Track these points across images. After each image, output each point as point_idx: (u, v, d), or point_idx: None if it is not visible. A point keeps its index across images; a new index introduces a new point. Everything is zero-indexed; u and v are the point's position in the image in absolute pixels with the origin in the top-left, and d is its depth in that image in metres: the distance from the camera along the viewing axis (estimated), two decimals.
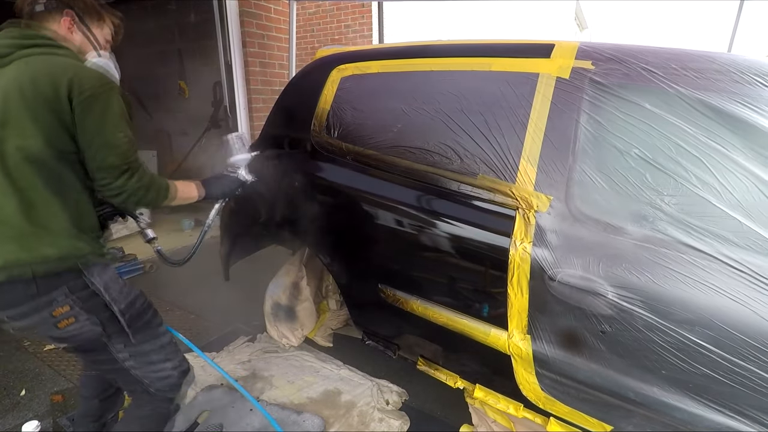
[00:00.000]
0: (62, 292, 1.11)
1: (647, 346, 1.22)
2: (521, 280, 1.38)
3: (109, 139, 1.15)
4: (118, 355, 1.24)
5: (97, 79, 1.14)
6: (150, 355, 1.28)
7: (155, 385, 1.29)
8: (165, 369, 1.31)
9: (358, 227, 1.74)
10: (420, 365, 1.79)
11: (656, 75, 1.30)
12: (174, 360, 1.34)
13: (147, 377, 1.28)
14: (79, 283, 1.14)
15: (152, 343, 1.29)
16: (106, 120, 1.14)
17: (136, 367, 1.26)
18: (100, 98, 1.13)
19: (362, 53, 1.87)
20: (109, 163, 1.16)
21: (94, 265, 1.17)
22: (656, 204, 1.25)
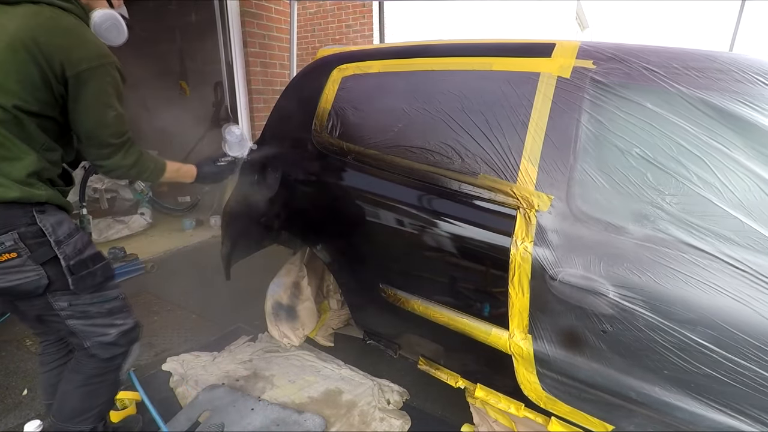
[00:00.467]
0: (11, 237, 1.10)
1: (649, 346, 1.21)
2: (522, 280, 1.38)
3: (101, 117, 1.17)
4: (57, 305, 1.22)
5: (94, 53, 1.14)
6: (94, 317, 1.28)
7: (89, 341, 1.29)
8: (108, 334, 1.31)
9: (358, 227, 1.74)
10: (421, 365, 1.79)
11: (657, 74, 1.30)
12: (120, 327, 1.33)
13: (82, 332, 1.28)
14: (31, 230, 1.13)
15: (98, 306, 1.29)
16: (99, 98, 1.15)
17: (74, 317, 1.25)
18: (95, 74, 1.13)
19: (363, 53, 1.86)
20: (101, 141, 1.19)
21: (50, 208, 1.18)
22: (657, 203, 1.25)
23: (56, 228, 1.17)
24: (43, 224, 1.14)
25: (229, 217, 2.20)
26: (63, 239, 1.18)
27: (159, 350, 2.30)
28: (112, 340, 1.32)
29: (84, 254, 1.24)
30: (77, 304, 1.25)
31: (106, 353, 1.33)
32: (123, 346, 1.36)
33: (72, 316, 1.25)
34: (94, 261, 1.26)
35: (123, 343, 1.36)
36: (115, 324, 1.33)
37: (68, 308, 1.23)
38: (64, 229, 1.20)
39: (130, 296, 2.84)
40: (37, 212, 1.14)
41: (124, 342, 1.36)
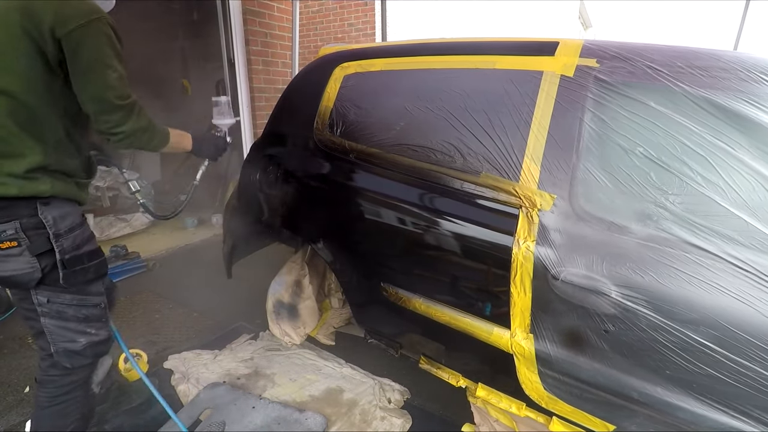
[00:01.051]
0: (13, 227, 1.11)
1: (651, 346, 1.21)
2: (524, 279, 1.37)
3: (103, 78, 1.13)
4: (36, 298, 1.19)
5: (81, 11, 1.10)
6: (68, 320, 1.23)
7: (56, 345, 1.23)
8: (77, 341, 1.25)
9: (360, 225, 1.74)
10: (422, 364, 1.79)
11: (661, 73, 1.29)
12: (91, 337, 1.28)
13: (52, 333, 1.22)
14: (33, 221, 1.13)
15: (76, 309, 1.24)
16: (97, 57, 1.11)
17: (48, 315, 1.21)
18: (88, 32, 1.09)
19: (365, 51, 1.86)
20: (108, 104, 1.15)
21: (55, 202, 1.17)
22: (661, 203, 1.24)
23: (58, 221, 1.17)
24: (44, 216, 1.14)
25: (230, 215, 2.20)
26: (63, 233, 1.18)
27: (160, 348, 2.30)
28: (78, 349, 1.26)
29: (81, 250, 1.22)
30: (55, 302, 1.21)
31: (68, 362, 1.27)
32: (88, 357, 1.30)
33: (47, 314, 1.21)
34: (90, 258, 1.25)
35: (89, 355, 1.29)
36: (87, 332, 1.28)
37: (46, 304, 1.20)
38: (66, 222, 1.19)
39: (132, 294, 2.87)
40: (40, 204, 1.14)
41: (90, 354, 1.30)
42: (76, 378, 1.31)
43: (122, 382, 1.94)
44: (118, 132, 1.20)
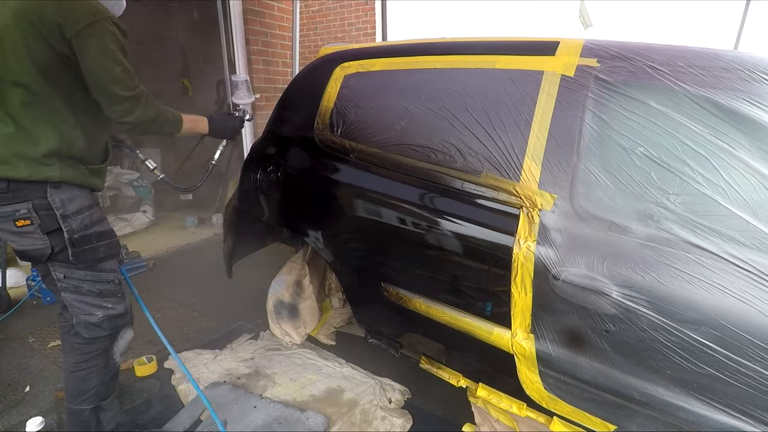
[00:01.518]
0: (26, 206, 1.23)
1: (652, 346, 1.21)
2: (525, 279, 1.37)
3: (108, 73, 1.22)
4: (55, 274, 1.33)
5: (86, 12, 1.19)
6: (84, 294, 1.35)
7: (76, 317, 1.37)
8: (94, 314, 1.37)
9: (360, 225, 1.74)
10: (423, 364, 1.79)
11: (662, 73, 1.29)
12: (108, 310, 1.39)
13: (72, 306, 1.36)
14: (43, 203, 1.25)
15: (90, 285, 1.36)
16: (103, 53, 1.21)
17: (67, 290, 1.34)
18: (93, 33, 1.19)
19: (366, 51, 1.86)
20: (115, 96, 1.25)
21: (65, 186, 1.27)
22: (662, 203, 1.24)
23: (66, 203, 1.27)
24: (52, 199, 1.25)
25: (231, 215, 2.20)
26: (70, 214, 1.28)
27: (161, 348, 2.30)
28: (96, 321, 1.38)
29: (90, 230, 1.32)
30: (71, 277, 1.33)
31: (87, 333, 1.39)
32: (106, 330, 1.41)
33: (66, 288, 1.34)
34: (98, 238, 1.35)
35: (107, 327, 1.41)
36: (104, 306, 1.39)
37: (63, 280, 1.32)
38: (74, 205, 1.29)
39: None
40: (50, 188, 1.25)
41: (108, 326, 1.41)
42: (95, 347, 1.43)
43: (123, 382, 1.94)
44: (127, 121, 1.30)
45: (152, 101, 1.34)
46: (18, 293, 2.75)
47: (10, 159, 1.20)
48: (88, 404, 1.48)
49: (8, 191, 1.22)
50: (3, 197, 1.22)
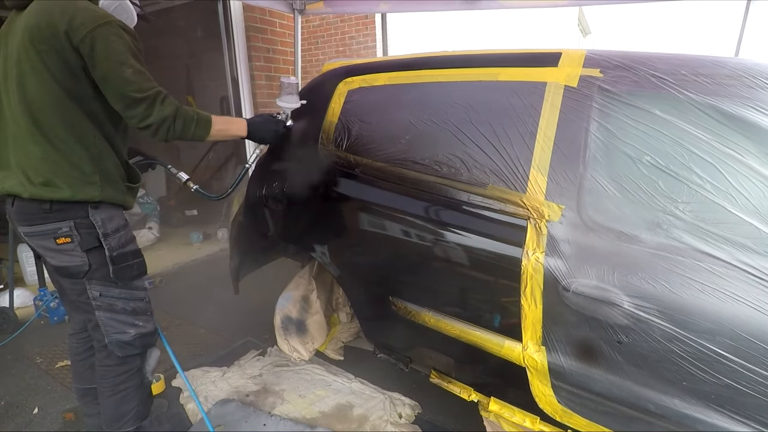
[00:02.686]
0: (68, 225, 1.27)
1: (666, 357, 1.19)
2: (534, 291, 1.36)
3: (119, 75, 1.22)
4: (90, 293, 1.35)
5: (90, 18, 1.19)
6: (118, 312, 1.38)
7: (109, 336, 1.39)
8: (126, 332, 1.40)
9: (367, 239, 1.74)
10: (433, 378, 1.77)
11: (666, 81, 1.29)
12: (139, 328, 1.43)
13: (105, 325, 1.38)
14: (85, 222, 1.29)
15: (125, 302, 1.39)
16: (111, 56, 1.20)
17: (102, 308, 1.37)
18: (99, 37, 1.18)
19: (369, 66, 1.87)
20: (130, 99, 1.24)
21: (104, 206, 1.32)
22: (670, 211, 1.23)
23: (105, 222, 1.32)
24: (93, 218, 1.30)
25: (237, 231, 2.21)
26: (110, 233, 1.32)
27: (168, 365, 2.28)
28: (128, 340, 1.41)
29: (126, 248, 1.37)
30: (107, 295, 1.36)
31: (121, 351, 1.42)
32: (138, 348, 1.44)
33: (100, 307, 1.36)
34: (133, 256, 1.40)
35: (138, 345, 1.44)
36: (136, 324, 1.42)
37: (99, 298, 1.35)
38: (113, 224, 1.34)
39: None
40: (91, 208, 1.29)
41: (139, 344, 1.44)
42: (129, 367, 1.46)
43: None
44: (148, 124, 1.28)
45: (170, 100, 1.30)
46: (25, 313, 2.76)
47: (53, 180, 1.23)
48: (130, 426, 1.50)
49: (51, 211, 1.25)
50: (46, 216, 1.26)
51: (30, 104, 1.21)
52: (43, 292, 2.69)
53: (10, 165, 1.27)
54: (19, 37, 1.20)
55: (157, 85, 1.29)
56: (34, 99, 1.21)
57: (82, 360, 1.61)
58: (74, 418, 1.91)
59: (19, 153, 1.25)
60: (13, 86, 1.22)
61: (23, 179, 1.24)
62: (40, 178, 1.23)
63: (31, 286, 3.03)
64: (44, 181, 1.23)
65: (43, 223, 1.26)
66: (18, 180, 1.24)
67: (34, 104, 1.21)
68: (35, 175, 1.23)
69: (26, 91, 1.21)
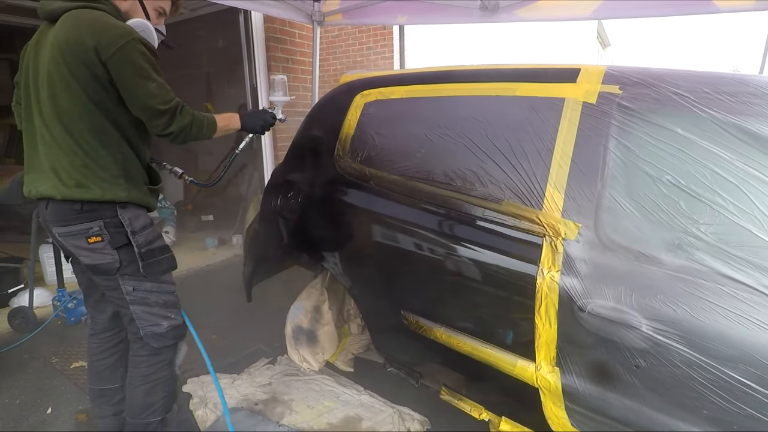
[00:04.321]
0: (98, 224, 1.34)
1: (686, 383, 1.15)
2: (549, 310, 1.33)
3: (145, 90, 1.31)
4: (124, 288, 1.42)
5: (118, 35, 1.26)
6: (152, 305, 1.46)
7: (144, 329, 1.46)
8: (160, 325, 1.47)
9: (380, 252, 1.73)
10: (443, 395, 1.74)
11: (688, 99, 1.27)
12: (172, 321, 1.50)
13: (140, 318, 1.45)
14: (114, 221, 1.36)
15: (157, 296, 1.46)
16: (137, 72, 1.29)
17: (136, 302, 1.44)
18: (125, 54, 1.26)
19: (386, 79, 1.88)
20: (154, 111, 1.33)
21: (130, 206, 1.39)
22: (692, 232, 1.20)
23: (133, 221, 1.39)
24: (122, 217, 1.37)
25: (252, 239, 2.22)
26: (137, 230, 1.39)
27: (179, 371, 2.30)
28: (162, 332, 1.48)
29: (153, 245, 1.44)
30: (140, 290, 1.43)
31: (156, 343, 1.49)
32: (171, 339, 1.51)
33: (135, 301, 1.43)
34: (161, 251, 1.47)
35: (171, 337, 1.51)
36: (168, 317, 1.49)
37: (132, 293, 1.42)
38: (140, 222, 1.41)
39: None
40: (119, 208, 1.37)
41: (172, 336, 1.51)
42: (162, 358, 1.53)
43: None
44: (169, 133, 1.38)
45: (186, 109, 1.40)
46: (44, 313, 2.81)
47: (83, 182, 1.32)
48: (156, 416, 1.56)
49: (83, 211, 1.33)
50: (78, 216, 1.34)
51: (61, 114, 1.29)
52: (62, 292, 2.74)
53: (43, 169, 1.34)
54: (49, 51, 1.27)
55: (176, 97, 1.38)
56: (65, 109, 1.28)
57: (102, 360, 1.65)
58: (86, 420, 1.93)
59: (51, 158, 1.33)
60: (45, 97, 1.30)
61: (56, 182, 1.32)
62: (72, 181, 1.31)
63: (51, 286, 3.09)
64: (76, 183, 1.31)
65: (75, 223, 1.34)
66: (51, 183, 1.32)
67: (65, 114, 1.29)
68: (67, 177, 1.31)
69: (58, 101, 1.28)
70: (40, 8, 1.33)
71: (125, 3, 1.40)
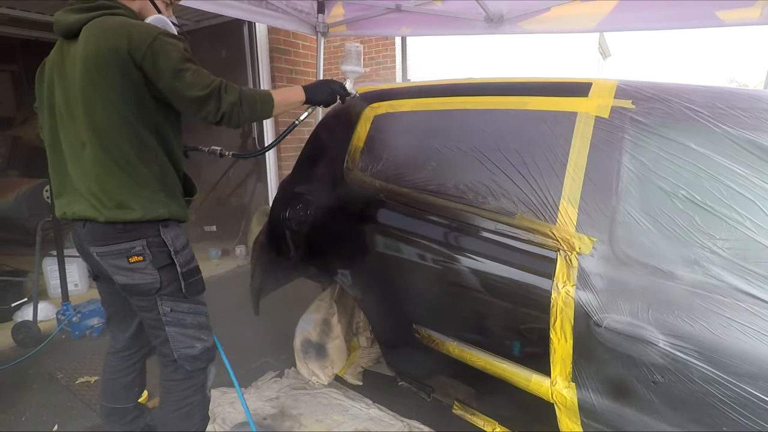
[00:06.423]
0: (141, 244, 1.30)
1: (705, 400, 1.14)
2: (564, 325, 1.33)
3: (183, 82, 1.24)
4: (161, 308, 1.37)
5: (145, 33, 1.22)
6: (187, 327, 1.41)
7: (178, 352, 1.41)
8: (194, 347, 1.43)
9: (391, 266, 1.73)
10: (456, 409, 1.73)
11: (702, 114, 1.27)
12: (204, 342, 1.46)
13: (174, 340, 1.40)
14: (156, 240, 1.32)
15: (192, 317, 1.42)
16: (171, 67, 1.24)
17: (172, 324, 1.39)
18: (157, 51, 1.22)
19: (395, 91, 1.89)
20: (199, 100, 1.27)
21: (171, 224, 1.36)
22: (708, 248, 1.19)
23: (175, 240, 1.36)
24: (165, 236, 1.33)
25: (259, 252, 2.21)
26: (179, 250, 1.37)
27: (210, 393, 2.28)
28: (197, 354, 1.43)
29: (192, 264, 1.41)
30: (177, 311, 1.39)
31: (190, 365, 1.44)
32: (204, 362, 1.47)
33: (171, 323, 1.39)
34: (197, 271, 1.44)
35: (204, 359, 1.47)
36: (201, 338, 1.45)
37: (170, 314, 1.38)
38: (181, 241, 1.38)
39: None
40: (161, 227, 1.33)
41: (205, 358, 1.47)
42: (195, 381, 1.48)
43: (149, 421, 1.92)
44: (222, 114, 1.31)
45: (231, 86, 1.33)
46: (48, 327, 2.79)
47: (125, 202, 1.27)
48: None
49: (124, 231, 1.29)
50: (119, 236, 1.29)
51: (98, 131, 1.24)
52: (66, 306, 2.72)
53: (78, 191, 1.29)
54: (80, 66, 1.21)
55: (216, 78, 1.31)
56: (102, 125, 1.23)
57: (119, 379, 1.61)
58: None
59: (87, 179, 1.27)
60: (79, 115, 1.24)
61: (96, 203, 1.27)
62: (112, 201, 1.26)
63: (54, 300, 3.07)
64: (117, 204, 1.27)
65: (116, 242, 1.30)
66: (89, 204, 1.28)
67: (102, 130, 1.24)
68: (107, 198, 1.26)
69: (94, 117, 1.23)
70: (56, 24, 1.28)
71: (135, 3, 1.35)
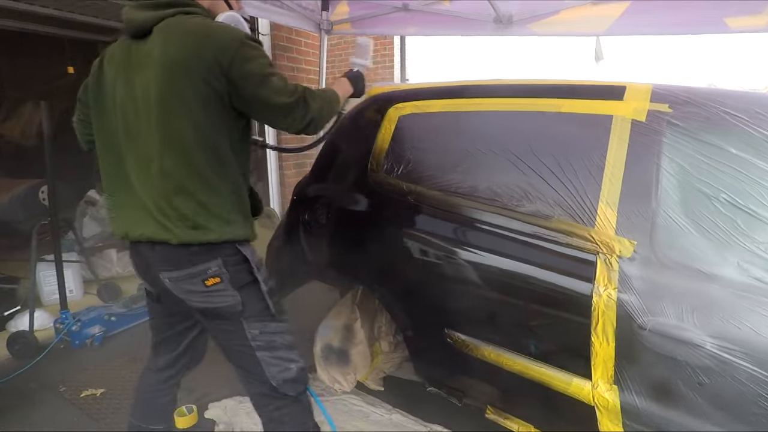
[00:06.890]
0: (217, 264, 1.18)
1: (753, 401, 1.16)
2: (606, 328, 1.33)
3: (270, 88, 1.15)
4: (249, 332, 1.23)
5: (228, 39, 1.12)
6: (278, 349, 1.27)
7: (275, 378, 1.26)
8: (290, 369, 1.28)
9: (420, 270, 1.70)
10: (489, 414, 1.71)
11: (740, 119, 1.29)
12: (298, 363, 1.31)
13: (268, 365, 1.25)
14: (234, 259, 1.21)
15: (281, 337, 1.28)
16: (259, 72, 1.14)
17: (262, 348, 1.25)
18: (244, 56, 1.12)
19: (420, 92, 1.87)
20: (284, 107, 1.18)
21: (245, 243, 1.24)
22: (751, 250, 1.21)
23: (252, 256, 1.24)
24: (245, 252, 1.22)
25: (274, 256, 2.16)
26: (260, 266, 1.26)
27: (199, 395, 2.21)
28: (294, 376, 1.29)
29: (269, 281, 1.29)
30: (266, 332, 1.25)
31: (293, 390, 1.29)
32: (303, 383, 1.33)
33: (261, 347, 1.25)
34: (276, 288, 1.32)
35: (302, 380, 1.32)
36: (294, 359, 1.30)
37: (259, 336, 1.24)
38: (258, 257, 1.27)
39: None
40: (238, 244, 1.22)
41: (302, 379, 1.32)
42: (302, 406, 1.34)
43: None
44: (309, 122, 1.25)
45: (311, 91, 1.26)
46: (45, 336, 2.66)
47: (201, 223, 1.15)
48: None
49: (199, 253, 1.17)
50: (192, 258, 1.17)
51: (176, 143, 1.11)
52: (65, 314, 2.60)
53: (145, 208, 1.17)
54: (158, 72, 1.09)
55: (296, 83, 1.24)
56: (181, 137, 1.11)
57: (156, 399, 1.50)
58: None
59: (156, 195, 1.15)
60: (152, 123, 1.11)
61: (168, 223, 1.14)
62: (188, 222, 1.14)
63: (48, 307, 2.94)
64: (192, 225, 1.14)
65: (190, 266, 1.17)
66: (160, 225, 1.15)
67: (181, 143, 1.11)
68: (181, 219, 1.14)
69: (172, 129, 1.11)
70: (126, 22, 1.15)
71: (206, 1, 1.24)
